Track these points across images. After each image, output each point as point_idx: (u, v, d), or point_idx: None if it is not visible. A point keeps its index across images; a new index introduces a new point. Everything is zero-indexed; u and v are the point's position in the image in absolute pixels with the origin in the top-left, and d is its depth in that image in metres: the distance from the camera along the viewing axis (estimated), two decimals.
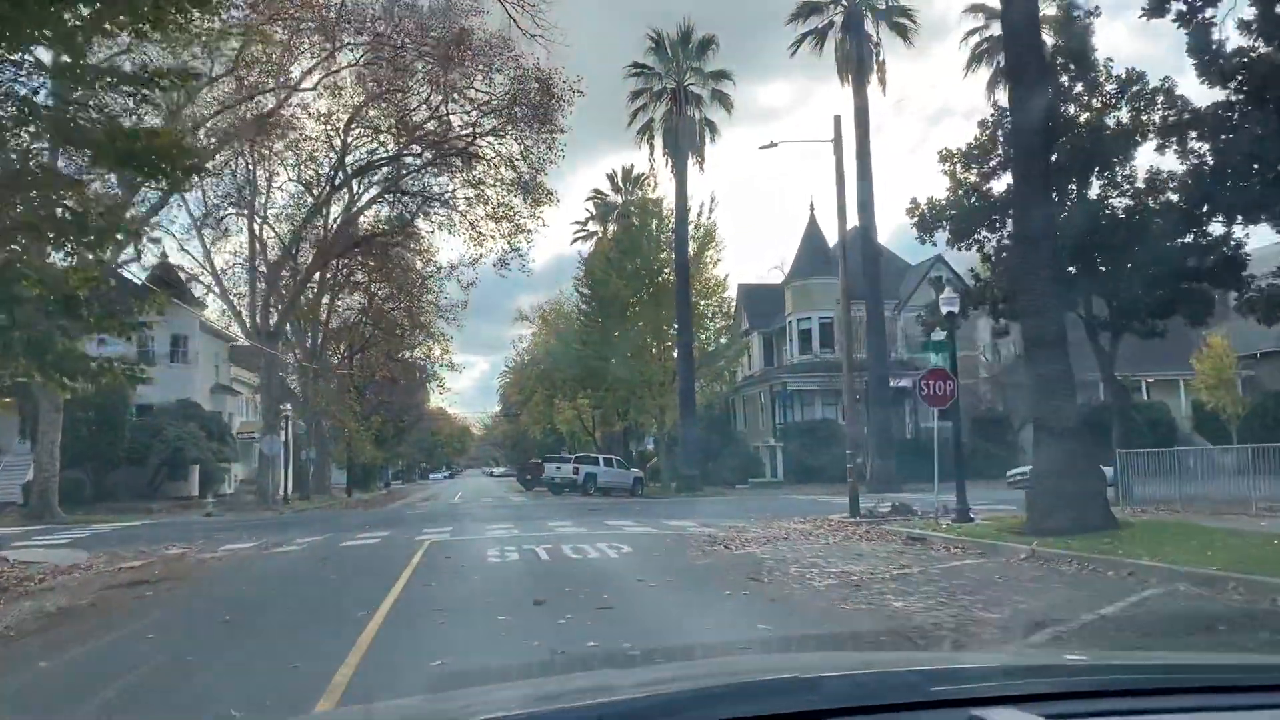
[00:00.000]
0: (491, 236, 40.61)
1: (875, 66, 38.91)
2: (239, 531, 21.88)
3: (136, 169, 13.89)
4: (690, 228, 43.51)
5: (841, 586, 9.50)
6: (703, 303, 45.31)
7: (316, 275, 45.04)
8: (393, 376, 55.46)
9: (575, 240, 66.98)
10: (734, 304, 51.40)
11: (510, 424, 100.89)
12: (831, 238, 53.26)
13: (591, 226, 65.32)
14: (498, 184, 39.78)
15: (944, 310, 18.79)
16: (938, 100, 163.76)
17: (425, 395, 71.81)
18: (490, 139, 39.05)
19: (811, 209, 62.03)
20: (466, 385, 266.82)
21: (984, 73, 41.69)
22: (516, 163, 38.83)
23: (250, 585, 11.61)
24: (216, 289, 41.28)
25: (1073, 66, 22.02)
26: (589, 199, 66.14)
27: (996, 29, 41.31)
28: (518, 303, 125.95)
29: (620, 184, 60.74)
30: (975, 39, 41.70)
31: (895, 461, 36.65)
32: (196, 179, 13.80)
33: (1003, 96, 39.87)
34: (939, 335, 19.38)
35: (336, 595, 10.13)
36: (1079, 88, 22.41)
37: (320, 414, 48.06)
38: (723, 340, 48.12)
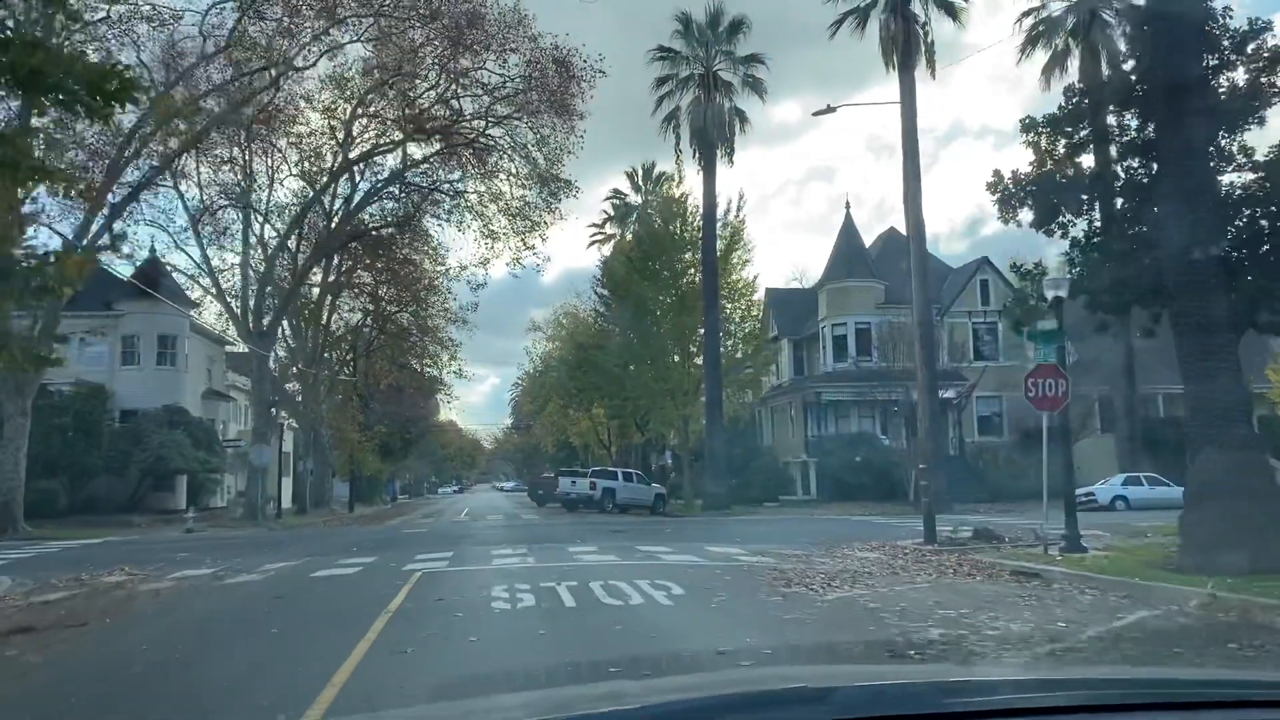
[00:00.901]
0: (505, 234, 37.78)
1: (923, 49, 35.64)
2: (207, 553, 18.84)
3: (44, 92, 10.79)
4: (718, 226, 40.27)
5: (1040, 661, 6.08)
6: (729, 306, 42.04)
7: (317, 274, 42.23)
8: (398, 385, 52.53)
9: (592, 244, 64.02)
10: (762, 308, 48.05)
11: (522, 437, 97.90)
12: (867, 239, 50.11)
13: (609, 229, 62.30)
14: (512, 176, 36.94)
15: (1050, 295, 15.50)
16: (955, 112, 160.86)
17: (434, 406, 68.86)
18: (504, 126, 36.17)
19: (847, 207, 59.12)
20: (477, 399, 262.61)
21: (1040, 56, 38.67)
22: (532, 150, 35.91)
23: (157, 642, 8.27)
24: (214, 290, 38.38)
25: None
26: (607, 199, 63.25)
27: (1055, 8, 38.20)
28: (531, 315, 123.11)
29: (640, 183, 57.69)
30: (1029, 21, 38.75)
31: (945, 480, 33.03)
32: (124, 109, 10.62)
33: (1056, 80, 37.50)
34: (1049, 324, 15.94)
35: (263, 668, 6.80)
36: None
37: (318, 422, 44.92)
38: (749, 348, 44.74)
